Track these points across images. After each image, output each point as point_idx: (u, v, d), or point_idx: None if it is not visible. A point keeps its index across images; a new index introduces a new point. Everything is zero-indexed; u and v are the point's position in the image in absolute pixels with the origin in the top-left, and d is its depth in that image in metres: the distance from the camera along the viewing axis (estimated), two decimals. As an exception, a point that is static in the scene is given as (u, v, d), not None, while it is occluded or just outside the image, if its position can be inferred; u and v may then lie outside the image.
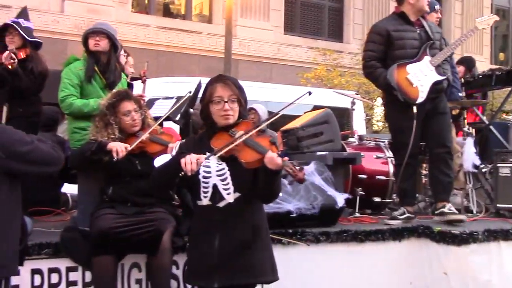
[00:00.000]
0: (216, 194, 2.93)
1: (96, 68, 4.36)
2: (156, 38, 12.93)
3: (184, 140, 3.72)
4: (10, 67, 4.37)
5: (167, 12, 14.17)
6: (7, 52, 4.38)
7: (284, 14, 15.12)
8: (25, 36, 4.68)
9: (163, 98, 5.42)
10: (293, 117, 6.01)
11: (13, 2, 10.65)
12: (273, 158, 2.67)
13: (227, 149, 2.82)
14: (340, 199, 4.42)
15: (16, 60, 4.44)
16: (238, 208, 2.91)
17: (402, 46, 4.61)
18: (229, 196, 2.92)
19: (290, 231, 4.13)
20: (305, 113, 6.42)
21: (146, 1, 13.77)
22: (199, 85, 4.63)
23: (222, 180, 2.92)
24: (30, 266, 3.49)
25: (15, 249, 2.81)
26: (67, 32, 11.84)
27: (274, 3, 14.69)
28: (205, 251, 2.97)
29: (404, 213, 4.71)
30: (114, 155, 3.65)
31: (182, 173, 2.77)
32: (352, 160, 4.99)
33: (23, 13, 4.93)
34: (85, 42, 4.42)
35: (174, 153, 3.60)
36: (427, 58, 4.59)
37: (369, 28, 5.06)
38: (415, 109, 4.50)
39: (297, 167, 2.64)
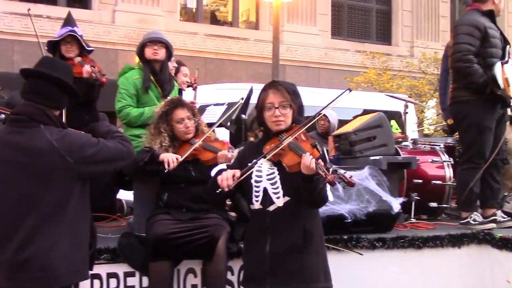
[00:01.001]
0: (267, 198, 2.96)
1: (151, 78, 4.42)
2: (204, 45, 13.08)
3: (242, 146, 3.75)
4: (104, 80, 4.38)
5: (214, 19, 14.32)
6: (88, 66, 4.35)
7: (331, 18, 15.03)
8: (84, 45, 4.64)
9: (214, 105, 5.47)
10: (344, 122, 5.94)
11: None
12: (305, 161, 2.68)
13: (272, 153, 2.86)
14: (396, 204, 4.32)
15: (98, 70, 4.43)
16: (288, 212, 2.91)
17: (494, 45, 4.54)
18: (279, 200, 2.93)
19: (345, 237, 4.07)
20: (354, 117, 6.34)
21: (194, 10, 13.95)
22: (250, 91, 4.65)
23: (272, 184, 2.95)
24: (89, 271, 3.56)
25: (86, 254, 2.87)
26: (118, 42, 12.12)
27: (321, 7, 14.62)
28: (257, 255, 2.99)
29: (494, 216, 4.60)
30: (166, 166, 3.69)
31: (219, 190, 2.85)
32: (407, 165, 4.87)
33: (71, 20, 4.81)
34: (141, 51, 4.47)
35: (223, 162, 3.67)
36: (511, 61, 4.55)
37: (418, 30, 4.97)
38: (509, 111, 4.44)
39: (330, 171, 2.61)
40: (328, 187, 2.86)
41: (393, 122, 6.37)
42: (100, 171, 2.94)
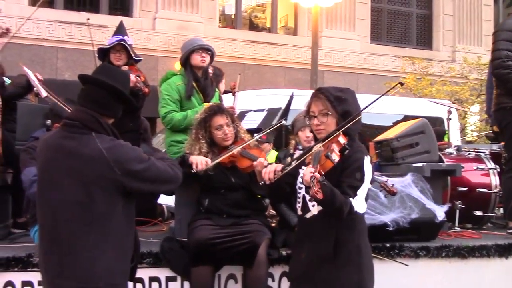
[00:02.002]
0: (306, 205, 2.96)
1: (194, 84, 4.46)
2: (243, 51, 13.13)
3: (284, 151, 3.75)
4: (147, 91, 4.42)
5: (253, 26, 14.38)
6: (133, 76, 4.40)
7: (371, 23, 14.88)
8: (132, 54, 4.72)
9: (254, 111, 5.46)
10: (384, 128, 5.86)
11: (108, 21, 11.21)
12: (304, 173, 2.67)
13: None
14: (440, 212, 4.23)
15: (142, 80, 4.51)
16: (321, 221, 2.89)
17: None
18: (314, 208, 2.92)
19: (388, 245, 4.00)
20: (394, 123, 6.24)
21: (233, 16, 14.04)
22: (291, 97, 4.64)
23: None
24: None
25: (127, 267, 2.83)
26: (158, 48, 12.29)
27: (360, 12, 14.50)
28: (296, 261, 3.04)
29: None
30: (194, 167, 3.68)
31: (262, 182, 2.91)
32: (452, 172, 4.76)
33: (122, 29, 4.93)
34: (186, 57, 4.51)
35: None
36: None
37: (460, 35, 4.89)
38: None
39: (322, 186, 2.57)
40: (360, 197, 2.82)
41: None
42: (144, 189, 2.83)
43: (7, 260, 3.47)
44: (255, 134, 4.12)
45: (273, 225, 4.12)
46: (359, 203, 2.82)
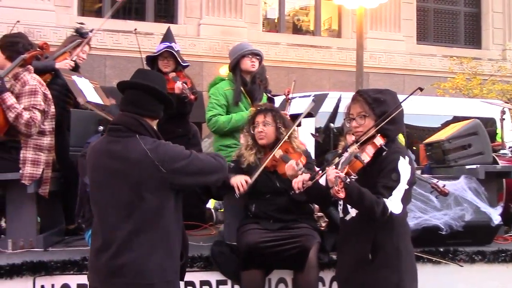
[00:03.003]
0: (346, 207, 2.98)
1: (242, 89, 4.47)
2: (287, 55, 13.12)
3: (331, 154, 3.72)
4: (194, 100, 4.48)
5: (296, 29, 14.35)
6: (180, 83, 4.47)
7: (416, 23, 14.61)
8: (180, 60, 4.78)
9: (300, 97, 5.42)
10: (432, 129, 5.74)
11: (154, 29, 11.40)
12: (328, 173, 2.70)
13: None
14: (496, 215, 4.11)
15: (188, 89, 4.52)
16: (360, 222, 2.89)
17: None
18: (353, 210, 2.92)
19: (441, 249, 3.90)
20: (443, 124, 6.10)
21: (276, 20, 14.05)
22: (339, 100, 4.61)
23: None
24: (184, 278, 3.64)
25: (178, 264, 2.89)
26: (203, 54, 12.42)
27: (405, 13, 14.26)
28: (339, 264, 3.10)
29: None
30: (236, 191, 3.66)
31: (292, 192, 2.99)
32: (507, 174, 4.61)
33: (170, 36, 5.01)
34: (236, 62, 4.54)
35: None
36: None
37: (510, 32, 4.71)
38: None
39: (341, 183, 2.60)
40: (396, 197, 2.78)
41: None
42: (192, 183, 2.94)
43: (63, 263, 3.57)
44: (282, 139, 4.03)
45: (322, 228, 4.09)
46: (394, 204, 2.78)
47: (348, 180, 2.63)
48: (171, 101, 3.01)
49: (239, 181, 3.67)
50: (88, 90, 4.57)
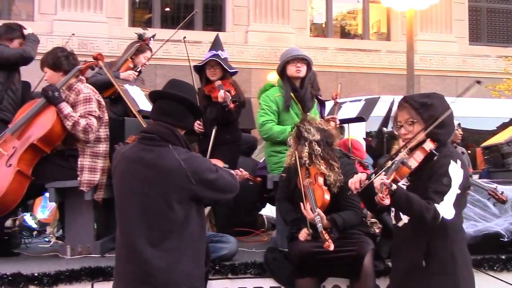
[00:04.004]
0: (398, 214, 2.95)
1: (292, 95, 4.45)
2: (335, 60, 13.02)
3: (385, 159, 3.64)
4: (234, 109, 4.52)
5: (344, 33, 14.23)
6: (222, 92, 4.53)
7: (469, 24, 14.21)
8: (227, 68, 4.81)
9: (351, 101, 5.39)
10: (487, 133, 5.56)
11: (202, 37, 11.54)
12: (374, 181, 2.67)
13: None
14: (561, 222, 3.92)
15: (231, 98, 4.56)
16: (412, 229, 2.84)
17: None
18: (404, 216, 2.89)
19: (503, 257, 3.76)
20: (499, 127, 5.89)
21: (324, 25, 13.98)
22: (392, 103, 4.52)
23: None
24: (238, 285, 3.65)
25: (203, 272, 2.94)
26: (251, 61, 12.47)
27: (456, 13, 13.90)
28: (393, 271, 3.07)
29: None
30: (302, 239, 3.60)
31: (350, 192, 2.92)
32: None
33: (218, 43, 5.07)
34: (282, 68, 4.52)
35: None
36: None
37: None
38: None
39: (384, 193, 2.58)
40: (447, 202, 2.71)
41: None
42: (211, 198, 3.05)
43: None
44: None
45: (376, 233, 4.01)
46: (445, 209, 2.72)
47: (395, 186, 2.62)
48: (201, 113, 3.10)
49: (303, 234, 3.60)
50: (140, 99, 4.66)
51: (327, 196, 3.58)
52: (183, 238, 2.80)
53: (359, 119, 5.16)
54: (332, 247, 3.21)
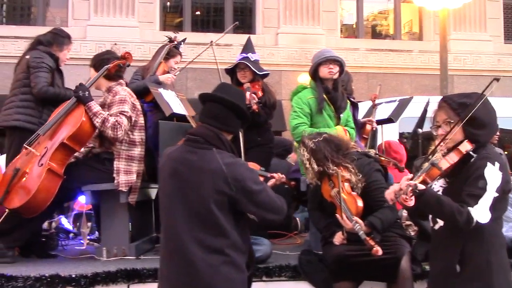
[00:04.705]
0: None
1: (325, 97, 4.42)
2: (366, 61, 12.89)
3: (420, 160, 3.59)
4: (257, 110, 4.51)
5: (375, 34, 14.10)
6: (248, 94, 4.52)
7: (504, 22, 13.90)
8: (256, 71, 4.80)
9: (386, 102, 5.34)
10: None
11: (233, 40, 11.57)
12: (401, 182, 2.66)
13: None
14: None
15: (257, 100, 4.56)
16: (448, 232, 2.79)
17: None
18: None
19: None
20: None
21: (354, 26, 13.87)
22: (427, 104, 4.45)
23: None
24: (273, 287, 3.63)
25: (245, 276, 2.91)
26: (281, 63, 12.45)
27: (491, 11, 13.62)
28: (430, 274, 3.04)
29: None
30: (337, 243, 3.58)
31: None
32: None
33: (249, 46, 5.06)
34: (315, 69, 4.49)
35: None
36: None
37: None
38: None
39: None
40: (483, 206, 2.64)
41: None
42: (251, 212, 2.90)
43: (155, 271, 3.64)
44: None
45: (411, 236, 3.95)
46: (480, 213, 2.64)
47: (421, 187, 2.58)
48: (248, 119, 3.08)
49: (339, 239, 3.57)
50: (173, 102, 4.70)
51: (360, 203, 3.53)
52: (226, 241, 2.78)
53: (388, 120, 5.10)
54: (380, 252, 3.18)
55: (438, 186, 2.89)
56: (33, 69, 4.56)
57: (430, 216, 2.94)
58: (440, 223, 2.83)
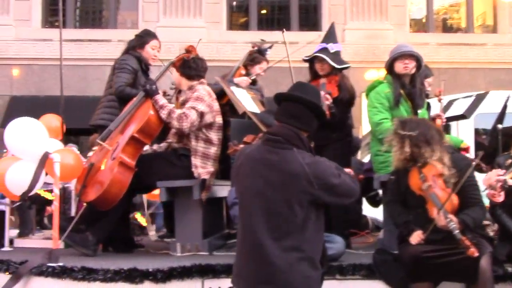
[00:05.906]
0: None
1: (402, 92, 4.30)
2: (437, 55, 12.49)
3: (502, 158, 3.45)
4: (328, 113, 4.37)
5: (446, 27, 13.66)
6: (323, 94, 4.30)
7: None
8: (334, 64, 4.60)
9: (463, 98, 5.15)
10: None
11: (299, 38, 11.50)
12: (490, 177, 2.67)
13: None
14: None
15: (330, 101, 4.37)
16: None
17: None
18: None
19: None
20: None
21: (424, 20, 13.49)
22: (507, 99, 4.27)
23: None
24: (347, 286, 3.59)
25: (320, 273, 2.92)
26: (348, 59, 12.13)
27: None
28: None
29: None
30: (413, 242, 3.48)
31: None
32: None
33: (330, 35, 4.84)
34: (391, 64, 4.39)
35: None
36: None
37: None
38: None
39: None
40: None
41: None
42: (331, 202, 2.99)
43: (228, 267, 3.67)
44: None
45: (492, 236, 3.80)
46: None
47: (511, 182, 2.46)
48: (325, 117, 3.07)
49: (416, 240, 3.48)
50: (245, 100, 4.74)
51: (456, 200, 3.39)
52: (301, 240, 2.80)
53: (461, 117, 4.93)
54: (476, 253, 3.08)
55: None
56: (116, 70, 4.81)
57: None
58: None
